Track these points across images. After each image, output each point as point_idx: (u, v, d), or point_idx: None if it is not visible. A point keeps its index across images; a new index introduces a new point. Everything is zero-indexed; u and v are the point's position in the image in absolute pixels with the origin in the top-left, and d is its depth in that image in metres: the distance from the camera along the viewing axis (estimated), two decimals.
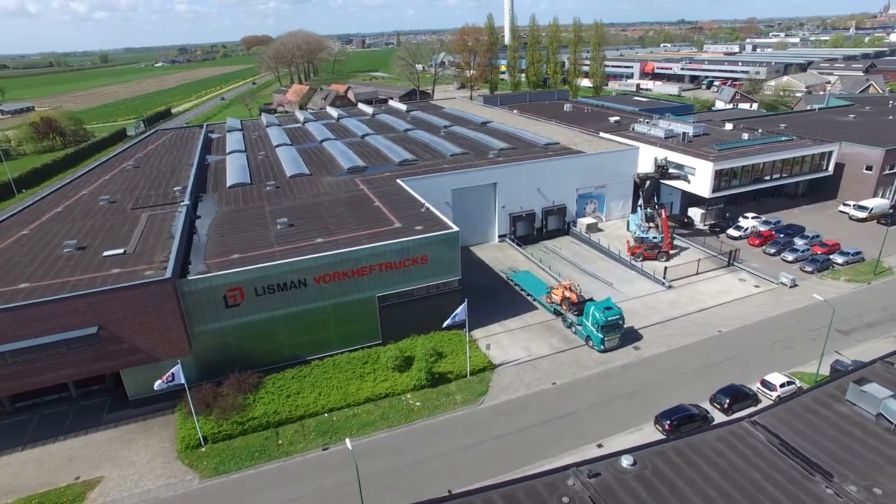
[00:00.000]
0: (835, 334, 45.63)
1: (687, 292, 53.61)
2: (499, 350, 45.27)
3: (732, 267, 58.24)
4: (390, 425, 37.54)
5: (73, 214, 51.81)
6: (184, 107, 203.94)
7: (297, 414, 38.33)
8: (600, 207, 71.53)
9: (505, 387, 40.76)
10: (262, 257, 41.92)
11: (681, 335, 46.50)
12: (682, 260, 59.73)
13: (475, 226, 65.06)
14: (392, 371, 41.93)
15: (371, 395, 39.96)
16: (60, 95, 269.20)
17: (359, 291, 43.18)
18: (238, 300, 40.06)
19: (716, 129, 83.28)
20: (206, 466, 34.50)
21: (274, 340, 42.36)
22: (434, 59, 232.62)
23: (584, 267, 59.80)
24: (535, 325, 48.74)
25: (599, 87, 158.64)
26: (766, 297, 52.31)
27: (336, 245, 43.41)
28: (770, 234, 63.99)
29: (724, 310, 50.31)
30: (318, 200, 54.89)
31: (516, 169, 64.40)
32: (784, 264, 58.63)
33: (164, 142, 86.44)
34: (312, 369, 42.44)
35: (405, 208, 50.95)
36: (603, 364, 42.95)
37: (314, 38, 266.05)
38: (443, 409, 38.83)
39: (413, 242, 43.51)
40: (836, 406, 26.51)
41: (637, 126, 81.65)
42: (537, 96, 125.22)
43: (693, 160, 66.56)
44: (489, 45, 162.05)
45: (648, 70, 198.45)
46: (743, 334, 46.36)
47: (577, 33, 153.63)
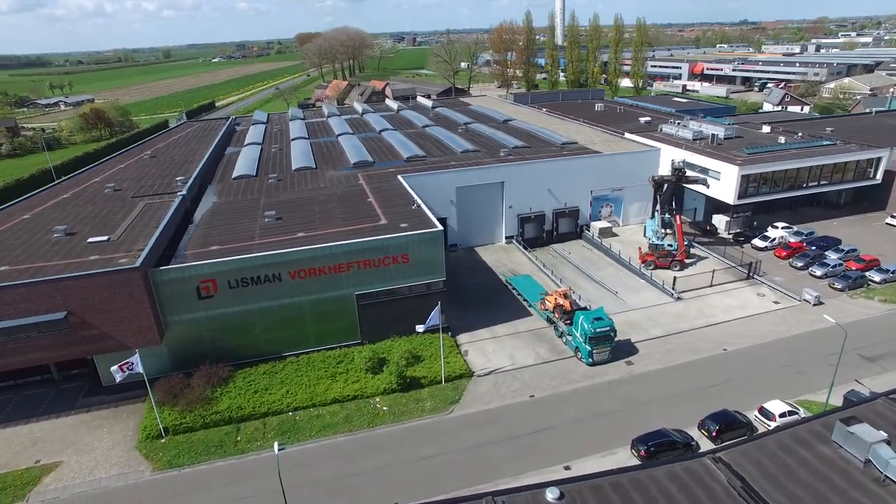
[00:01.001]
0: (858, 360, 41.15)
1: (696, 305, 49.70)
2: (481, 357, 43.08)
3: (752, 280, 53.72)
4: (352, 429, 36.10)
5: (77, 201, 53.00)
6: (229, 100, 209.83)
7: (261, 411, 37.47)
8: (617, 211, 67.82)
9: (479, 396, 38.57)
10: (240, 250, 41.35)
11: (681, 351, 42.94)
12: (696, 270, 55.62)
13: (481, 226, 62.88)
14: (365, 372, 40.48)
15: (339, 396, 38.65)
16: (120, 89, 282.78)
17: (336, 289, 41.95)
18: (211, 292, 39.56)
19: (751, 131, 77.72)
20: (160, 458, 34.06)
21: (249, 334, 41.70)
22: (479, 57, 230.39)
23: (590, 273, 56.62)
24: (526, 332, 46.21)
25: (640, 88, 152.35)
26: (784, 314, 47.81)
27: (316, 240, 42.36)
28: (800, 245, 58.79)
29: (734, 326, 46.26)
30: (315, 195, 54.11)
31: (525, 168, 61.74)
32: (811, 279, 53.61)
33: (188, 133, 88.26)
34: (286, 366, 41.55)
35: (398, 205, 49.42)
36: (589, 378, 40.07)
37: (358, 34, 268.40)
38: (409, 415, 37.06)
39: (393, 240, 41.91)
40: (818, 447, 23.07)
41: (665, 127, 77.18)
42: (570, 95, 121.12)
43: (718, 164, 61.98)
44: (526, 44, 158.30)
45: (698, 71, 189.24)
46: (751, 354, 42.35)
47: (619, 32, 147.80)
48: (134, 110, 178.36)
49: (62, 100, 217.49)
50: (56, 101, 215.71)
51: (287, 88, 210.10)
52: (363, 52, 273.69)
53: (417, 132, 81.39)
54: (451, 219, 60.87)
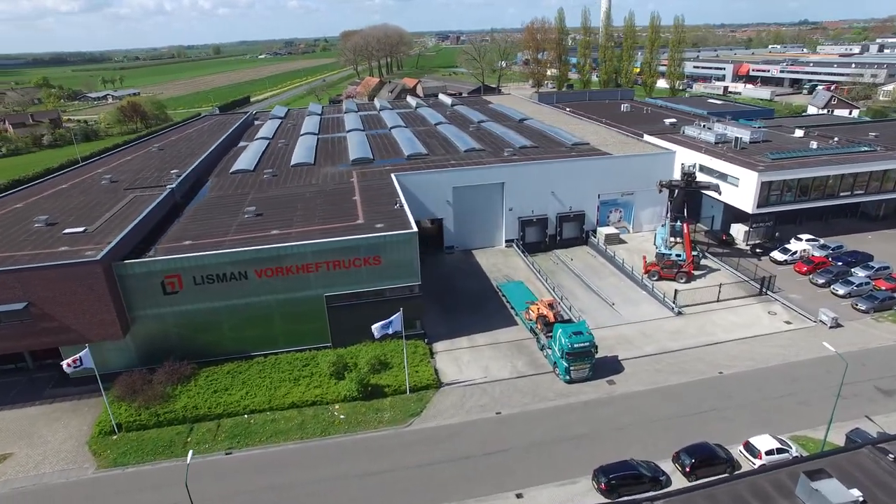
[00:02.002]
0: (873, 393, 36.76)
1: (698, 321, 45.86)
2: (454, 367, 40.78)
3: (764, 296, 49.30)
4: (304, 437, 34.54)
5: (72, 191, 53.55)
6: (264, 96, 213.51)
7: (217, 412, 36.41)
8: (627, 216, 64.02)
9: (443, 410, 36.32)
10: (212, 246, 40.50)
11: (671, 372, 39.44)
12: (704, 283, 51.54)
13: (480, 228, 60.41)
14: (329, 378, 38.86)
15: (297, 401, 37.18)
16: (166, 84, 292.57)
17: (304, 289, 40.52)
18: (176, 288, 38.79)
19: (782, 135, 72.23)
20: (107, 456, 33.41)
21: (216, 332, 40.80)
22: (518, 56, 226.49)
23: (589, 282, 53.35)
24: (507, 343, 43.60)
25: (675, 88, 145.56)
26: (795, 336, 43.45)
27: (289, 238, 41.08)
28: (823, 260, 53.74)
29: (736, 347, 42.31)
30: (303, 191, 53.00)
31: (527, 169, 58.85)
32: (833, 299, 48.77)
33: (202, 127, 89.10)
34: (251, 366, 40.42)
35: (381, 204, 47.66)
36: (564, 397, 37.18)
37: (396, 32, 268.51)
38: (366, 426, 35.20)
39: (364, 241, 40.13)
40: (779, 502, 19.86)
41: (687, 129, 72.65)
42: (598, 95, 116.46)
43: (737, 169, 57.46)
44: (557, 42, 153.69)
45: (742, 72, 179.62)
46: (749, 380, 38.46)
47: (654, 31, 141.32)
48: (173, 104, 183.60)
49: (110, 94, 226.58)
50: (104, 95, 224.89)
51: (321, 85, 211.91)
52: (400, 49, 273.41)
53: (427, 130, 79.47)
54: (448, 220, 58.74)
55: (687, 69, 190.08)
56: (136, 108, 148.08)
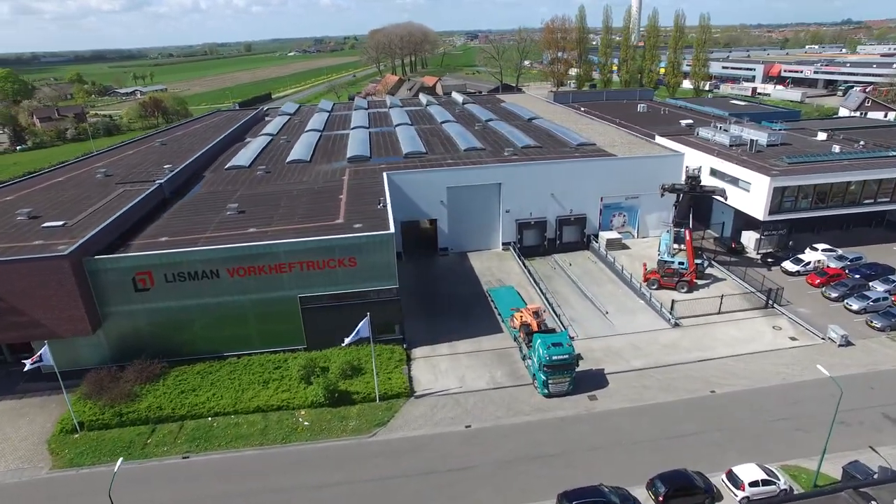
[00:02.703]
0: (880, 421, 33.75)
1: (696, 334, 43.10)
2: (430, 375, 39.06)
3: (770, 309, 46.16)
4: (264, 443, 33.34)
5: (65, 185, 53.61)
6: (286, 92, 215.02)
7: (180, 413, 35.52)
8: (631, 221, 61.22)
9: (411, 420, 34.65)
10: (187, 242, 39.73)
11: (659, 389, 36.94)
12: (706, 293, 48.61)
13: (476, 230, 58.50)
14: (299, 382, 37.58)
15: (263, 405, 36.02)
16: (194, 80, 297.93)
17: (278, 289, 39.34)
18: (148, 285, 38.04)
19: (804, 138, 68.27)
20: (64, 456, 32.80)
21: (189, 331, 39.97)
22: (544, 56, 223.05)
23: (585, 289, 50.95)
24: (489, 351, 41.66)
25: (699, 89, 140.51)
26: (800, 354, 40.37)
27: (265, 237, 40.02)
28: (839, 272, 50.18)
29: (734, 363, 39.49)
30: (290, 189, 52.01)
31: (525, 169, 56.67)
32: (846, 314, 45.38)
33: (211, 123, 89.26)
34: (223, 367, 39.50)
35: (365, 204, 46.25)
36: (540, 412, 35.09)
37: (420, 30, 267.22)
38: (328, 434, 33.79)
39: (338, 242, 38.73)
40: None
41: (702, 130, 69.30)
42: (616, 95, 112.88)
43: (748, 173, 54.20)
44: (578, 41, 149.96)
45: (774, 73, 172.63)
46: (744, 400, 35.71)
47: (679, 31, 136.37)
48: (197, 100, 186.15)
49: (138, 89, 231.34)
50: (133, 91, 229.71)
51: (341, 83, 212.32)
52: (424, 47, 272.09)
53: (432, 128, 77.82)
54: (442, 221, 57.01)
55: (715, 70, 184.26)
56: (158, 103, 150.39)
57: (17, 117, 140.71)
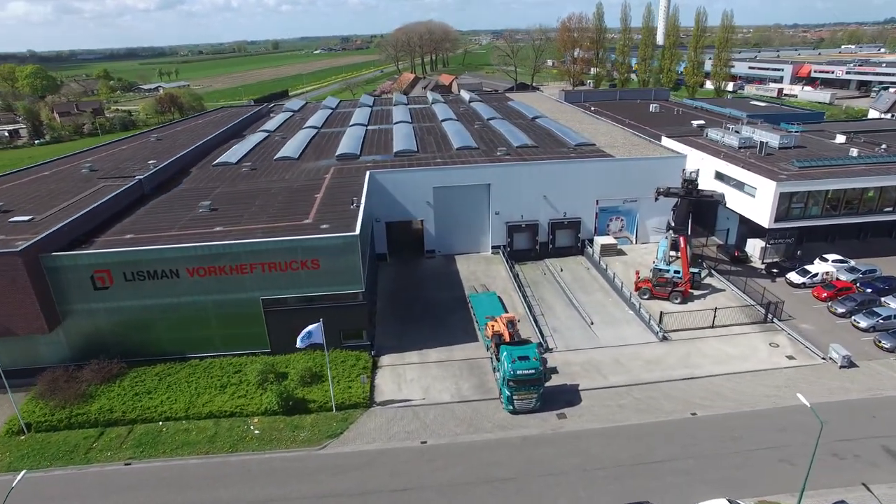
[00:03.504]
0: (878, 455, 30.58)
1: (684, 350, 40.18)
2: (393, 385, 37.11)
3: (769, 324, 42.88)
4: (210, 451, 31.89)
5: (49, 179, 53.28)
6: (304, 89, 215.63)
7: (131, 416, 34.37)
8: (629, 226, 58.21)
9: (365, 433, 32.78)
10: (152, 240, 38.59)
11: (635, 409, 34.25)
12: (702, 305, 45.53)
13: (464, 232, 56.33)
14: (257, 387, 36.06)
15: (216, 411, 34.63)
16: (218, 76, 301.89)
17: (239, 291, 37.90)
18: (107, 283, 36.98)
19: (821, 140, 64.18)
20: (4, 459, 31.83)
21: (151, 331, 38.84)
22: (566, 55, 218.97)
23: (574, 296, 48.34)
24: (460, 361, 39.51)
25: (720, 90, 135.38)
26: (796, 375, 37.15)
27: (229, 236, 38.66)
28: (848, 286, 46.50)
29: (721, 383, 36.52)
30: (269, 186, 50.68)
31: (516, 169, 54.24)
32: (853, 332, 41.84)
33: (213, 119, 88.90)
34: (182, 369, 38.26)
35: (339, 203, 44.53)
36: (502, 429, 32.81)
37: (441, 28, 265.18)
38: (277, 445, 32.16)
39: (300, 243, 37.08)
40: None
41: (711, 132, 65.84)
42: (630, 94, 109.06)
43: (754, 177, 50.77)
44: (595, 38, 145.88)
45: (803, 74, 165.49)
46: (727, 425, 32.80)
47: (699, 30, 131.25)
48: (217, 97, 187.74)
49: (161, 85, 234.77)
50: (156, 87, 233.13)
51: (360, 81, 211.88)
52: (445, 46, 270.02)
53: (430, 126, 75.86)
54: (429, 222, 55.00)
55: (741, 70, 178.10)
56: (174, 99, 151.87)
57: (38, 112, 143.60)
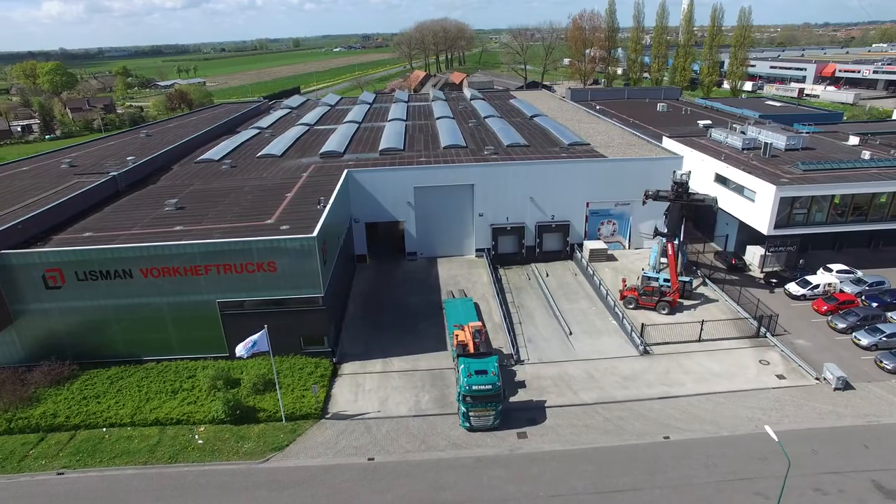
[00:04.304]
0: (867, 490, 27.68)
1: (665, 365, 37.46)
2: (350, 394, 35.22)
3: (762, 339, 39.86)
4: (147, 461, 30.42)
5: (25, 174, 52.71)
6: (317, 86, 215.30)
7: (74, 422, 33.06)
8: (622, 230, 55.39)
9: (312, 447, 30.95)
10: (107, 239, 37.33)
11: (603, 430, 31.76)
12: (690, 316, 42.67)
13: (447, 234, 54.20)
14: (208, 394, 34.52)
15: (162, 418, 33.15)
16: (236, 73, 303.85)
17: (195, 293, 36.41)
18: (58, 282, 35.82)
19: (833, 142, 60.44)
20: None
21: (106, 333, 37.64)
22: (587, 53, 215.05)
23: (556, 304, 45.88)
24: (424, 371, 37.43)
25: (736, 89, 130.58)
26: (784, 397, 34.20)
27: (188, 235, 37.23)
28: (851, 299, 43.17)
29: (701, 404, 33.78)
30: (243, 184, 49.19)
31: (500, 170, 51.89)
32: (853, 350, 38.63)
33: (209, 115, 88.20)
34: (136, 372, 37.02)
35: (307, 203, 42.78)
36: (456, 448, 30.64)
37: (456, 26, 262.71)
38: (219, 456, 30.52)
39: (255, 244, 35.38)
40: None
41: (714, 132, 62.61)
42: (638, 93, 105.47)
43: (753, 181, 47.64)
44: (607, 36, 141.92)
45: (827, 73, 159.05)
46: (701, 451, 30.14)
47: (715, 28, 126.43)
48: (229, 94, 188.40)
49: (177, 82, 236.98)
50: (172, 84, 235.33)
51: (372, 79, 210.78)
52: (459, 44, 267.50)
53: (423, 124, 73.88)
54: (410, 223, 52.98)
55: (762, 70, 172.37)
56: (183, 96, 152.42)
57: (51, 108, 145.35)
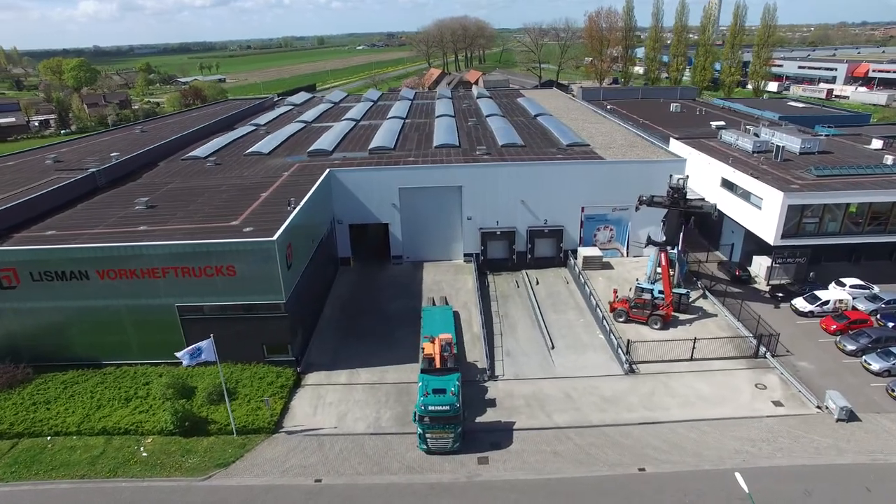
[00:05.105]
0: None
1: (651, 387, 34.56)
2: (309, 408, 33.25)
3: (761, 359, 36.61)
4: (86, 475, 28.86)
5: (9, 170, 52.20)
6: (336, 83, 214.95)
7: (18, 429, 31.77)
8: (620, 236, 52.33)
9: (258, 464, 29.05)
10: (70, 238, 36.10)
11: (572, 458, 29.11)
12: (685, 332, 39.58)
13: (434, 238, 51.91)
14: (162, 402, 32.91)
15: (110, 427, 31.67)
16: (257, 71, 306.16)
17: (153, 296, 34.88)
18: (13, 282, 34.61)
19: (854, 146, 56.37)
20: None
21: (63, 335, 36.38)
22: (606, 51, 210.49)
23: (543, 314, 43.21)
24: (391, 384, 35.24)
25: (759, 90, 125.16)
26: (780, 427, 31.03)
27: (151, 236, 35.77)
28: (864, 318, 39.52)
29: (685, 432, 30.83)
30: (221, 183, 47.67)
31: (490, 171, 49.38)
32: (862, 375, 35.12)
33: (211, 111, 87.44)
34: (93, 377, 35.68)
35: (279, 204, 40.93)
36: (410, 472, 28.36)
37: (475, 24, 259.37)
38: (160, 471, 28.85)
39: (214, 247, 33.67)
40: None
41: (724, 134, 59.07)
42: (652, 93, 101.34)
43: (760, 187, 44.24)
44: (625, 33, 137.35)
45: (860, 73, 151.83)
46: (679, 486, 27.28)
47: (737, 26, 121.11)
48: (249, 90, 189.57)
49: (197, 78, 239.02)
50: (192, 80, 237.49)
51: (388, 77, 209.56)
52: (478, 42, 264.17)
53: (421, 122, 71.69)
54: (395, 226, 50.83)
55: (790, 70, 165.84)
56: (197, 92, 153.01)
57: (69, 104, 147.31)
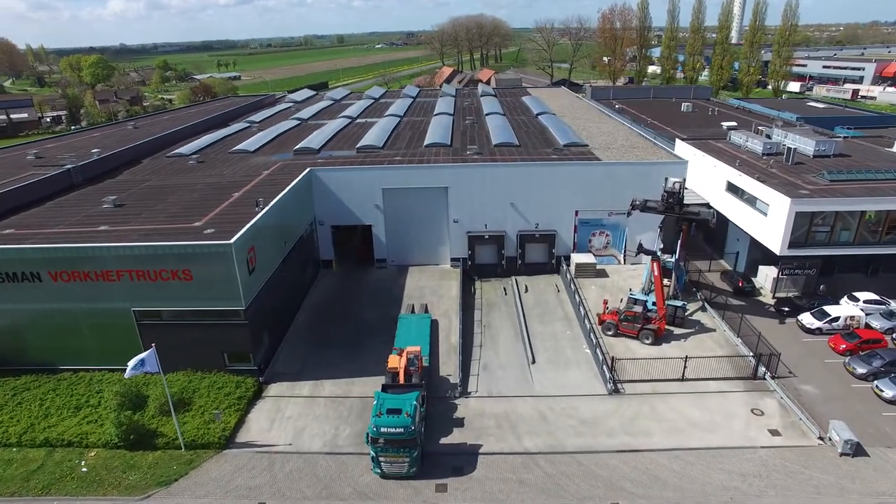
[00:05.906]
0: None
1: (636, 408, 31.75)
2: (266, 421, 31.22)
3: (760, 381, 33.52)
4: (16, 492, 27.17)
5: None
6: (348, 81, 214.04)
7: None
8: (617, 242, 49.38)
9: (202, 483, 27.07)
10: (24, 237, 34.61)
11: (539, 489, 26.52)
12: (679, 349, 36.63)
13: (420, 241, 49.59)
14: (115, 411, 31.14)
15: (53, 439, 29.98)
16: (273, 68, 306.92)
17: (108, 300, 33.21)
18: None
19: (875, 148, 52.56)
20: None
21: (18, 338, 34.96)
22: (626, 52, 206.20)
23: (525, 325, 40.60)
24: (356, 398, 33.02)
25: (778, 90, 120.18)
26: (776, 459, 28.01)
27: (110, 237, 34.10)
28: (879, 337, 36.10)
29: (668, 463, 28.01)
30: (194, 181, 46.06)
31: (477, 171, 46.88)
32: (873, 403, 31.83)
33: (208, 107, 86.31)
34: (47, 383, 34.18)
35: (248, 204, 38.94)
36: (361, 499, 26.08)
37: (492, 23, 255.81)
38: (96, 489, 27.06)
39: (168, 250, 31.81)
40: None
41: (734, 135, 55.72)
42: (664, 92, 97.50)
43: (767, 191, 41.00)
44: (639, 32, 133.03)
45: (889, 73, 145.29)
46: None
47: (757, 24, 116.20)
48: (262, 87, 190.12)
49: (212, 75, 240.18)
50: (207, 77, 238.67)
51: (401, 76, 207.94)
52: (494, 41, 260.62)
53: (417, 121, 69.46)
54: (378, 228, 48.62)
55: (814, 69, 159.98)
56: (208, 89, 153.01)
57: (82, 100, 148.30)
